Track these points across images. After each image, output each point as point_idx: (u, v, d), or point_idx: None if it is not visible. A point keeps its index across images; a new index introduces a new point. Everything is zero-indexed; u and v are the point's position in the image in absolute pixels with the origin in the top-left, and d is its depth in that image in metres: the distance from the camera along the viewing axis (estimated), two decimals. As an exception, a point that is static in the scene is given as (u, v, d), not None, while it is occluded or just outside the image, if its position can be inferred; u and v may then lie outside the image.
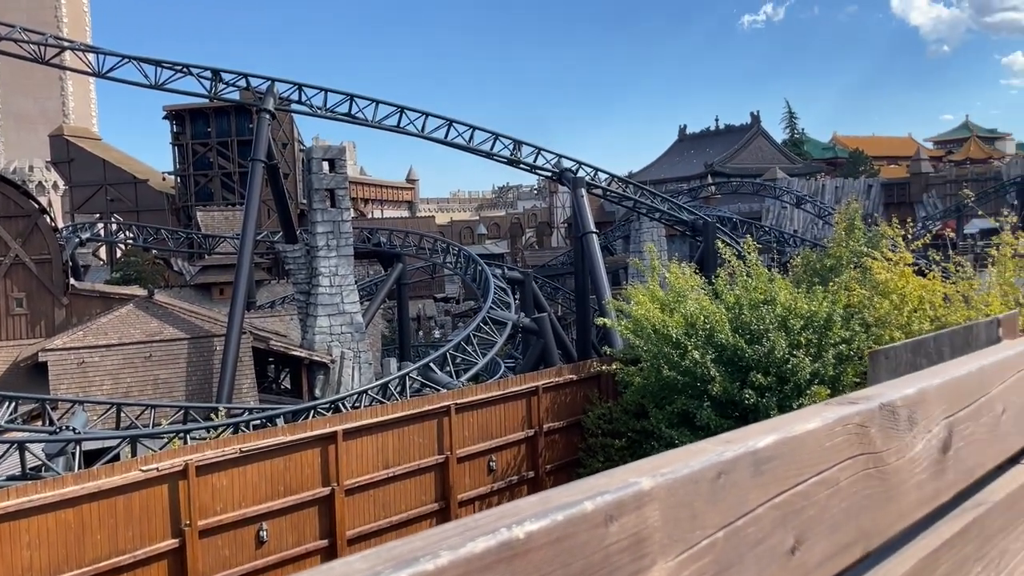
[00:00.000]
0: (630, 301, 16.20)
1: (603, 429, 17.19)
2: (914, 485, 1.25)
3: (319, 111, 30.26)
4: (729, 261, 16.21)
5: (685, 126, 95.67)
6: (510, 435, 16.84)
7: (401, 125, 30.94)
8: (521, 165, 32.84)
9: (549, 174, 33.84)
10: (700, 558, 0.82)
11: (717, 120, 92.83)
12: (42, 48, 30.40)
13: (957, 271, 15.02)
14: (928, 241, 19.53)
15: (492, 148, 32.02)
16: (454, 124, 31.38)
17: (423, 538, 0.66)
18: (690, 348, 14.25)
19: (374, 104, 31.15)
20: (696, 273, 16.59)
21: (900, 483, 1.21)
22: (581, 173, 32.43)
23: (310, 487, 13.90)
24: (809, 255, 19.00)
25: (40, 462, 15.65)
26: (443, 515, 15.66)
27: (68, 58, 31.75)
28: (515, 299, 30.54)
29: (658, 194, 37.57)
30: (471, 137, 31.61)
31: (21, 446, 15.43)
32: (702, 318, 14.62)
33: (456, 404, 15.84)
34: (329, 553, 14.10)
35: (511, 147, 32.29)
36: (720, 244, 18.79)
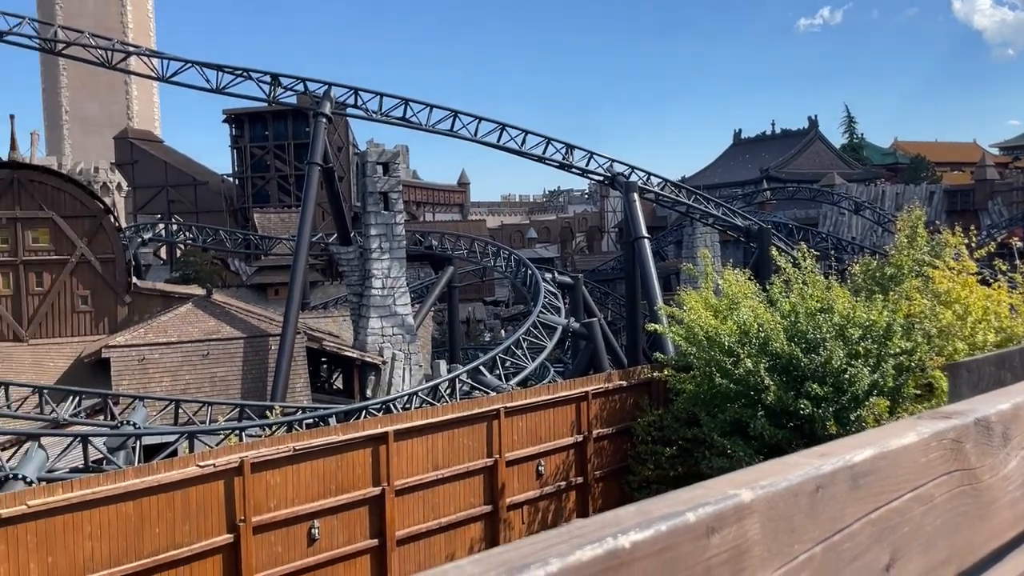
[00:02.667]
0: (682, 307, 16.03)
1: (653, 436, 17.04)
2: (1007, 503, 1.21)
3: (374, 115, 30.62)
4: (784, 268, 15.94)
5: (740, 130, 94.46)
6: (559, 440, 16.79)
7: (454, 129, 31.14)
8: (573, 169, 32.78)
9: (601, 178, 33.72)
10: (798, 573, 0.81)
11: (773, 125, 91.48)
12: (109, 53, 31.35)
13: (1024, 281, 14.55)
14: (993, 249, 18.96)
15: (544, 152, 32.03)
16: (506, 128, 31.48)
17: (529, 544, 0.66)
18: (743, 356, 14.04)
19: (428, 108, 31.42)
20: (750, 280, 16.34)
21: (993, 501, 1.17)
22: (633, 177, 32.24)
23: (361, 486, 14.04)
24: (869, 263, 18.57)
25: (102, 455, 16.09)
26: (492, 518, 15.69)
27: (133, 63, 32.68)
28: (565, 304, 30.47)
29: (712, 199, 37.14)
30: (523, 141, 31.67)
31: (84, 440, 15.90)
32: (756, 326, 14.39)
33: (506, 408, 15.86)
34: (379, 553, 14.22)
35: (563, 151, 32.26)
36: (775, 251, 18.46)
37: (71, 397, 20.77)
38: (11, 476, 14.67)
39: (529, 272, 31.38)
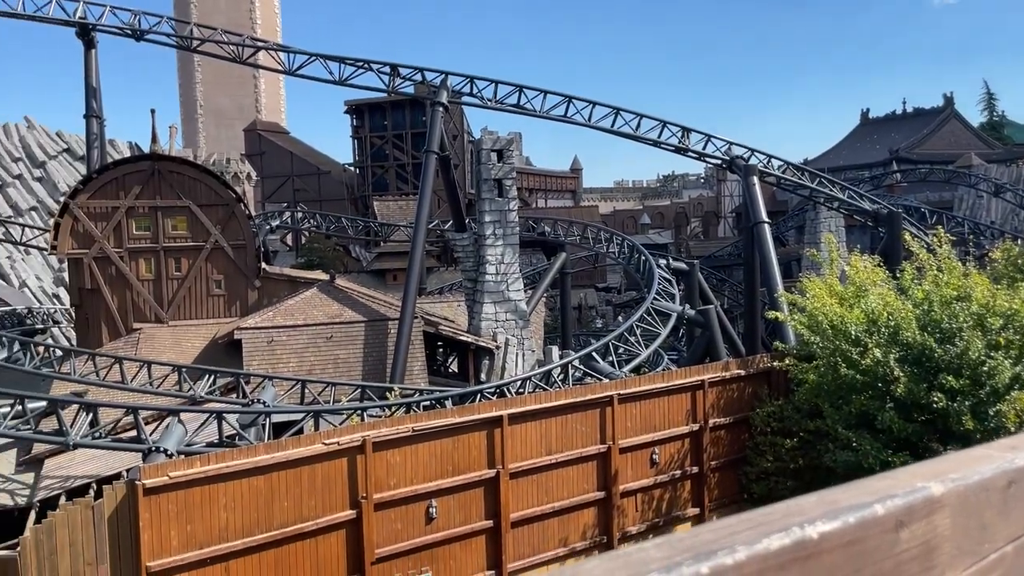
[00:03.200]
0: (805, 294, 15.46)
1: (773, 428, 16.57)
2: None
3: (489, 103, 30.85)
4: (917, 254, 15.11)
5: (868, 110, 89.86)
6: (673, 428, 16.56)
7: (568, 114, 31.00)
8: (689, 153, 32.07)
9: (719, 162, 32.85)
10: (987, 573, 0.76)
11: (904, 103, 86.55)
12: (240, 49, 32.86)
13: None
14: None
15: (659, 136, 31.47)
16: (621, 112, 31.09)
17: (712, 531, 0.65)
18: (871, 346, 13.42)
19: (542, 95, 31.40)
20: (879, 267, 15.58)
21: None
22: (753, 160, 31.24)
23: (476, 468, 14.28)
24: (1010, 248, 17.39)
25: (235, 431, 16.99)
26: (605, 504, 15.65)
27: (261, 57, 34.15)
28: (679, 290, 29.92)
29: (837, 182, 35.55)
30: (638, 125, 31.20)
31: (219, 416, 16.83)
32: (886, 315, 13.72)
33: (619, 394, 15.76)
34: (494, 534, 14.44)
35: (679, 135, 31.59)
36: (907, 235, 17.51)
37: (207, 376, 22.01)
38: (154, 448, 15.71)
39: (642, 258, 30.96)
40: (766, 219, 29.20)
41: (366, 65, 30.74)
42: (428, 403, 20.28)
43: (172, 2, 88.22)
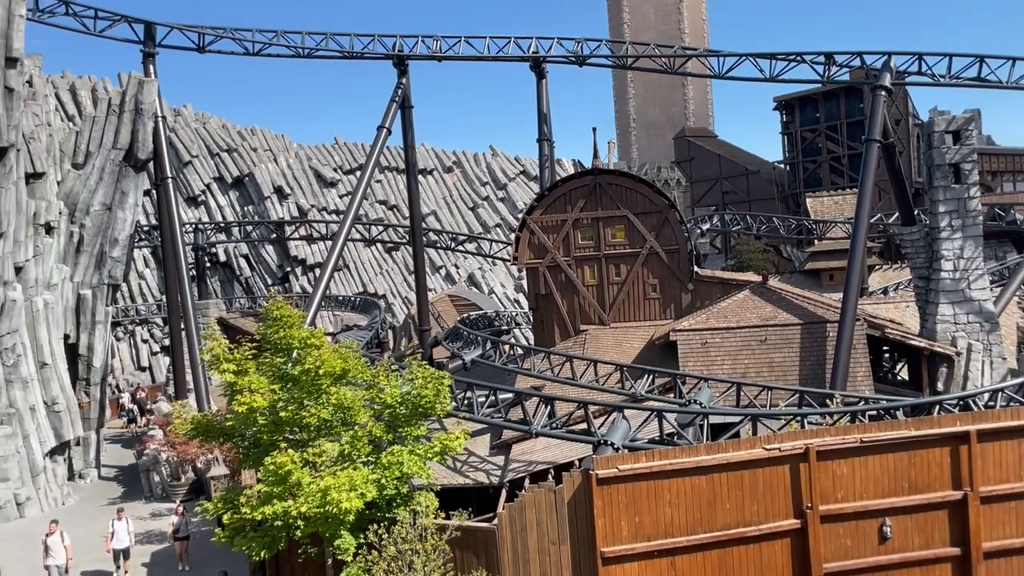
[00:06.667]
0: None
1: None
2: None
3: (942, 80, 27.64)
4: None
5: None
6: None
7: (1046, 82, 26.41)
8: None
9: None
10: None
11: None
12: (671, 60, 33.97)
13: None
14: None
15: None
16: None
17: None
18: None
19: (1009, 62, 27.21)
20: None
21: None
22: None
23: (937, 488, 12.85)
24: None
25: (674, 430, 17.55)
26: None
27: (690, 65, 34.87)
28: None
29: None
30: None
31: (660, 414, 17.53)
32: None
33: None
34: (961, 563, 12.86)
35: None
36: None
37: (646, 375, 23.09)
38: (602, 441, 16.93)
39: None
40: None
41: (798, 58, 29.63)
42: (875, 412, 18.79)
43: (607, 25, 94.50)
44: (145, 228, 49.80)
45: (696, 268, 31.17)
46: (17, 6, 26.15)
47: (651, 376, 22.94)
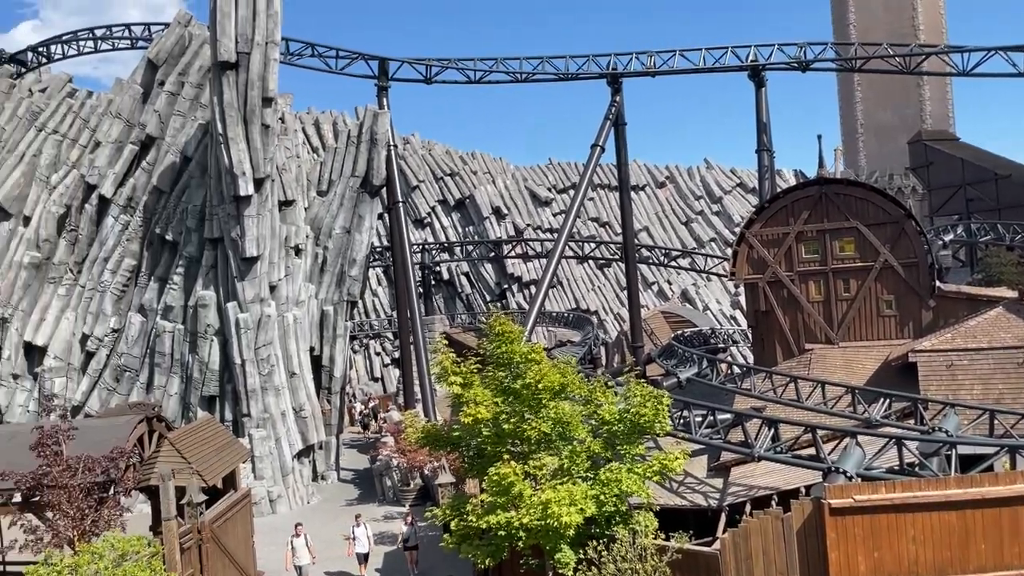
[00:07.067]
0: None
1: None
2: None
3: None
4: None
5: None
6: None
7: None
8: None
9: None
10: None
11: None
12: (907, 59, 31.58)
13: None
14: None
15: None
16: None
17: None
18: None
19: None
20: None
21: None
22: None
23: None
24: None
25: (916, 459, 16.11)
26: None
27: (928, 64, 32.21)
28: None
29: None
30: None
31: (899, 442, 16.18)
32: None
33: None
34: None
35: None
36: None
37: (881, 399, 21.40)
38: (833, 469, 15.87)
39: None
40: None
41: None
42: None
43: (831, 27, 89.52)
44: (378, 249, 53.63)
45: (938, 283, 28.60)
46: (271, 51, 29.25)
47: (888, 400, 21.26)
